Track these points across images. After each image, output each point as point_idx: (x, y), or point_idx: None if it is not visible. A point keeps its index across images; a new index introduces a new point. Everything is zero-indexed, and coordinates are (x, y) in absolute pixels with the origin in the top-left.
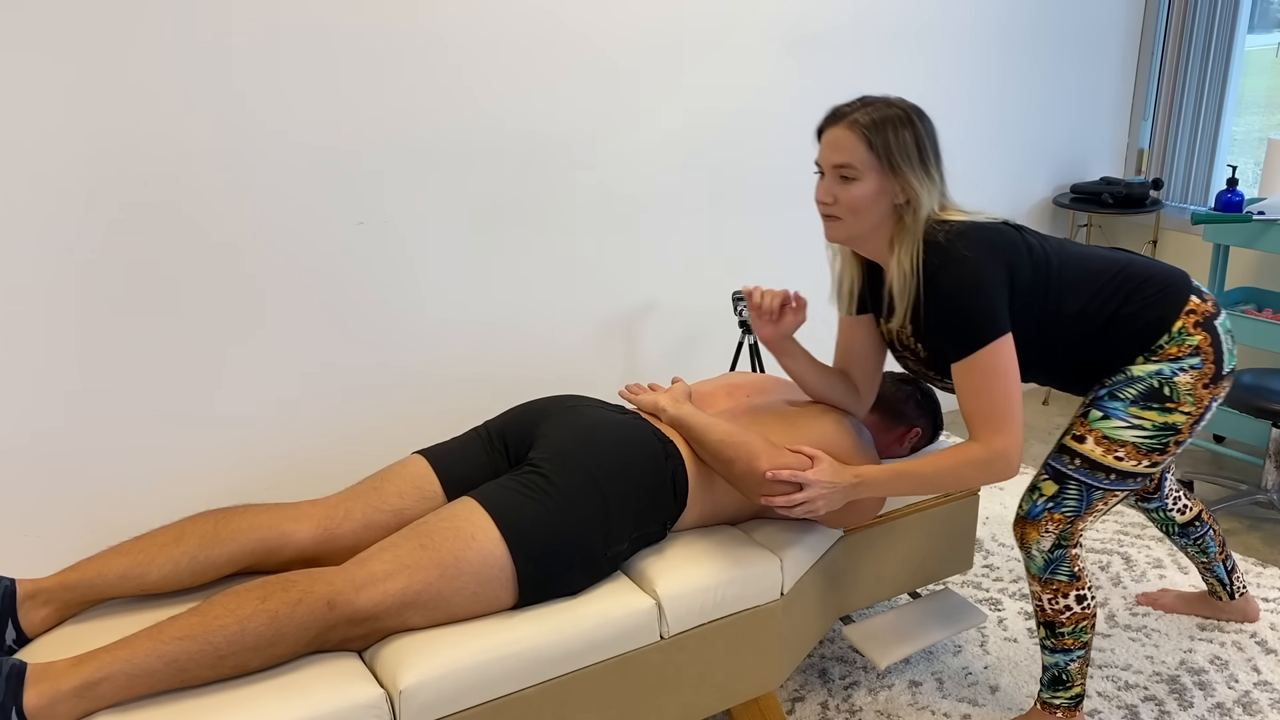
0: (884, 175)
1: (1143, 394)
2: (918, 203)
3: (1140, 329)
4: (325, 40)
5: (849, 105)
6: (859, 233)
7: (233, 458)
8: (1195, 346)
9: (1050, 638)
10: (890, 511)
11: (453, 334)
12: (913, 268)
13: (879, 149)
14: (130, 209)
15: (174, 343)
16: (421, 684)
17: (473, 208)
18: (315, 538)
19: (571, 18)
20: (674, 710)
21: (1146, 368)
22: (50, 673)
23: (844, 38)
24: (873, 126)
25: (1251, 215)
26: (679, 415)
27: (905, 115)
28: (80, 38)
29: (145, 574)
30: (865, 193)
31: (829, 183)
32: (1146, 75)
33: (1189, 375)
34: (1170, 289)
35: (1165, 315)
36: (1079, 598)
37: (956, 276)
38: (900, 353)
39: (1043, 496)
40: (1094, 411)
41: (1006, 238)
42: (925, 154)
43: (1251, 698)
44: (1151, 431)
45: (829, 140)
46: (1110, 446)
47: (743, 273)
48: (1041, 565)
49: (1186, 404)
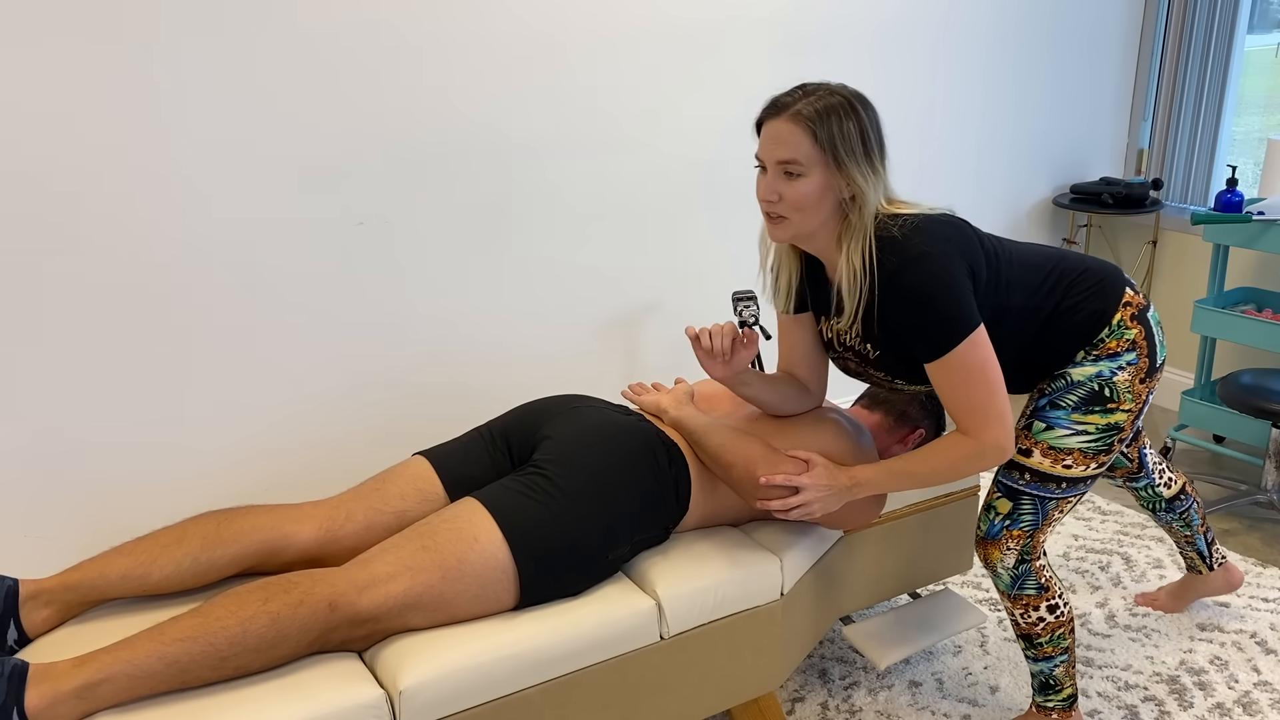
0: (829, 170)
1: (1084, 399)
2: (863, 199)
3: (1081, 323)
4: (326, 40)
5: (790, 95)
6: (805, 230)
7: (234, 458)
8: (1132, 341)
9: (1030, 649)
10: (890, 512)
11: (454, 334)
12: (864, 266)
13: (824, 143)
14: (128, 208)
15: (174, 343)
16: (422, 684)
17: (472, 208)
18: (317, 539)
19: (571, 19)
20: (674, 710)
21: (1086, 370)
22: (52, 673)
23: (843, 38)
24: (817, 118)
25: (1251, 215)
26: (680, 417)
27: (849, 104)
28: (74, 32)
29: (147, 574)
30: (811, 189)
31: (772, 179)
32: (1146, 75)
33: (1127, 373)
34: (1106, 282)
35: (1105, 309)
36: (1051, 607)
37: (919, 275)
38: (840, 354)
39: (999, 515)
40: (1036, 423)
41: (960, 230)
42: (869, 145)
43: (1251, 698)
44: (1096, 435)
45: (770, 134)
46: (1057, 456)
47: (743, 272)
48: (1009, 582)
49: (1127, 402)
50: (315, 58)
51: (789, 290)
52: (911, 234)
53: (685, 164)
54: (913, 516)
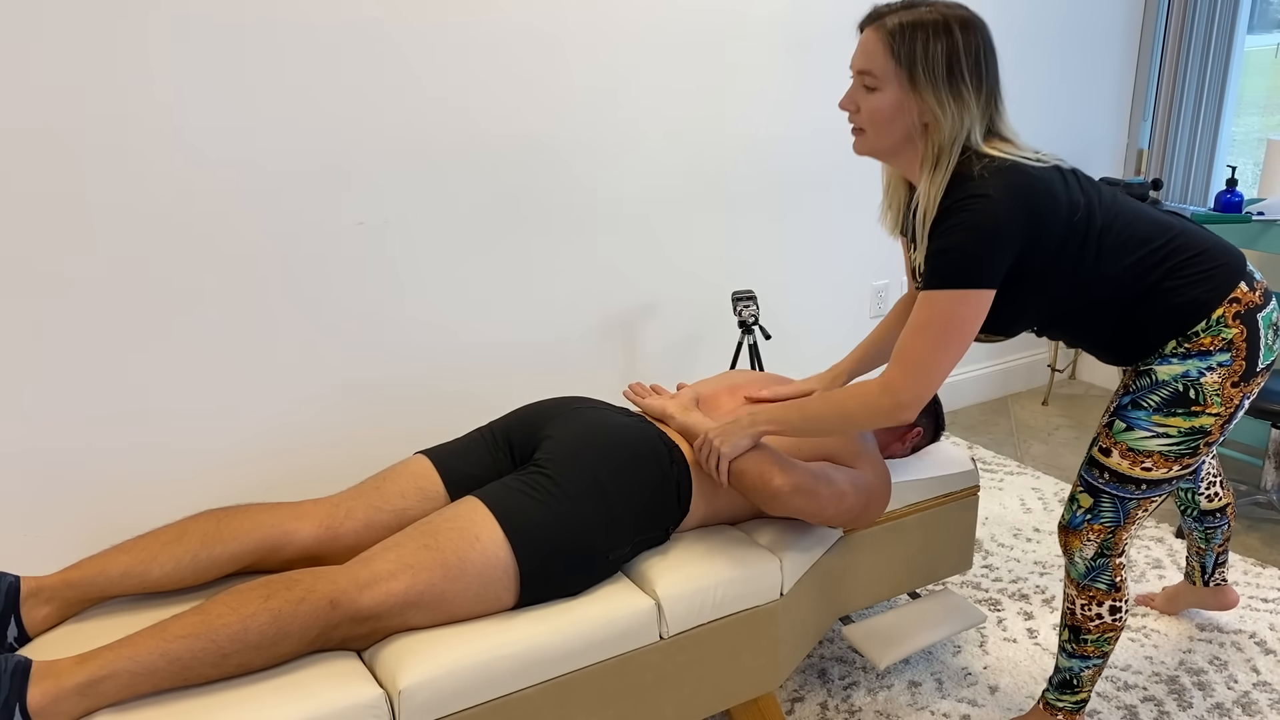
0: (904, 90)
1: (1166, 400)
2: (937, 127)
3: (1177, 308)
4: (327, 41)
5: (889, 5)
6: (883, 147)
7: (234, 458)
8: (1229, 341)
9: (1073, 641)
10: (891, 511)
11: (454, 334)
12: (933, 200)
13: (902, 59)
14: (126, 211)
15: (175, 343)
16: (421, 684)
17: (474, 208)
18: (317, 537)
19: (572, 19)
20: (673, 710)
21: (1173, 369)
22: (54, 670)
23: (844, 39)
24: (900, 33)
25: (1251, 216)
26: (687, 423)
27: (944, 24)
28: (72, 32)
29: (147, 572)
30: (883, 104)
31: (853, 88)
32: (1146, 76)
33: (1216, 374)
34: (1220, 270)
35: (1208, 300)
36: (1113, 609)
37: (969, 212)
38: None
39: (1080, 509)
40: (1118, 422)
41: (1046, 185)
42: (957, 71)
43: (1251, 698)
44: (1178, 438)
45: (860, 42)
46: (1136, 459)
47: (743, 272)
48: (1083, 572)
49: (1214, 405)
50: (316, 57)
51: (895, 211)
52: (990, 177)
53: (685, 164)
54: (913, 516)
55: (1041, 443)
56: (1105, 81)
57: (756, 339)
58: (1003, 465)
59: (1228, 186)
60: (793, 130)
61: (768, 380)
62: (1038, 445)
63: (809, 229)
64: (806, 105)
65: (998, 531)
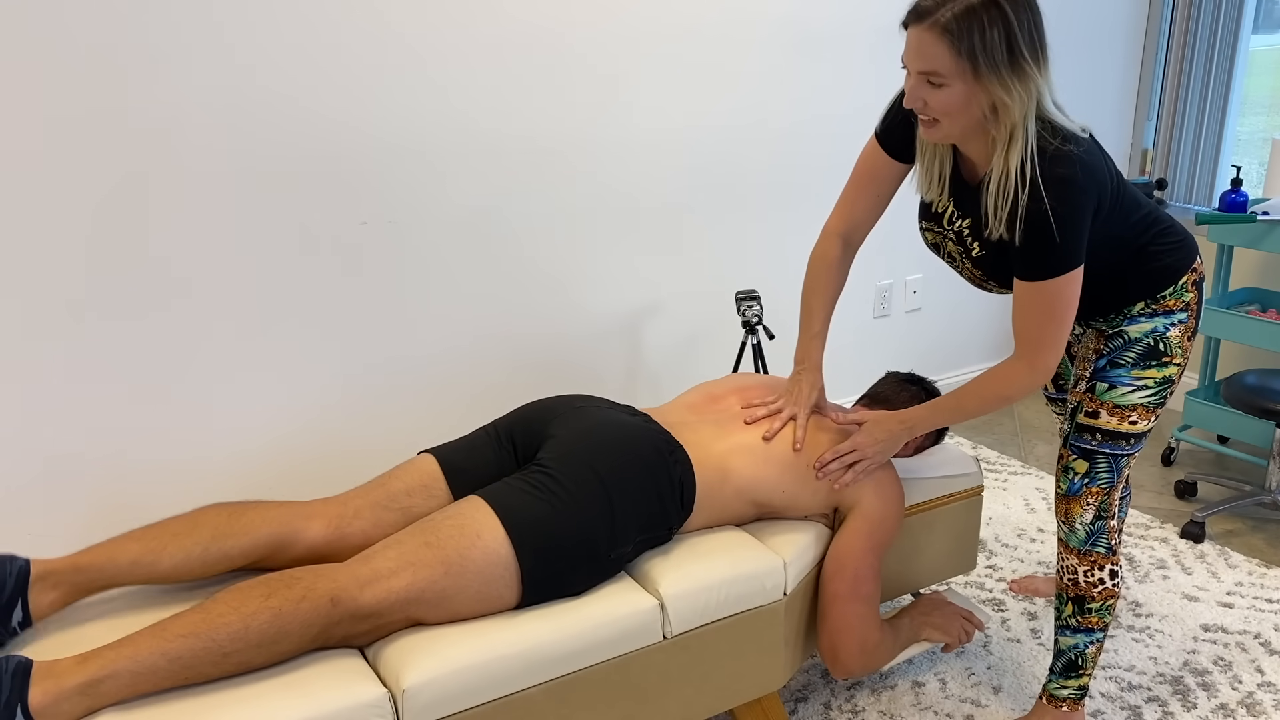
0: (969, 81)
1: (1141, 355)
2: (1005, 110)
3: (1157, 270)
4: (328, 39)
5: None
6: (958, 133)
7: (237, 458)
8: (1187, 303)
9: (1078, 614)
10: None
11: (456, 333)
12: (1018, 174)
13: (965, 55)
14: (132, 206)
15: (178, 342)
16: (424, 683)
17: (475, 208)
18: (325, 536)
19: (572, 19)
20: (676, 710)
21: (1142, 326)
22: (55, 670)
23: (845, 39)
24: (958, 28)
25: (1256, 216)
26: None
27: (993, 4)
28: (75, 32)
29: (157, 561)
30: (955, 98)
31: (916, 86)
32: (1151, 75)
33: (1178, 330)
34: (1185, 242)
35: (1179, 267)
36: (1112, 572)
37: (1058, 198)
38: (941, 231)
39: (1077, 474)
40: (1099, 384)
41: (1101, 160)
42: (1016, 49)
43: (1255, 699)
44: (1155, 388)
45: (913, 41)
46: (1123, 414)
47: (744, 272)
48: (1083, 538)
49: (1178, 356)
50: (316, 57)
51: (941, 185)
52: (1064, 155)
53: (690, 164)
54: (914, 516)
55: (1045, 443)
56: (1109, 81)
57: (760, 339)
58: (1007, 465)
59: (1233, 186)
60: (797, 129)
61: (775, 384)
62: (1042, 445)
63: (813, 228)
64: (808, 105)
65: (1002, 531)
